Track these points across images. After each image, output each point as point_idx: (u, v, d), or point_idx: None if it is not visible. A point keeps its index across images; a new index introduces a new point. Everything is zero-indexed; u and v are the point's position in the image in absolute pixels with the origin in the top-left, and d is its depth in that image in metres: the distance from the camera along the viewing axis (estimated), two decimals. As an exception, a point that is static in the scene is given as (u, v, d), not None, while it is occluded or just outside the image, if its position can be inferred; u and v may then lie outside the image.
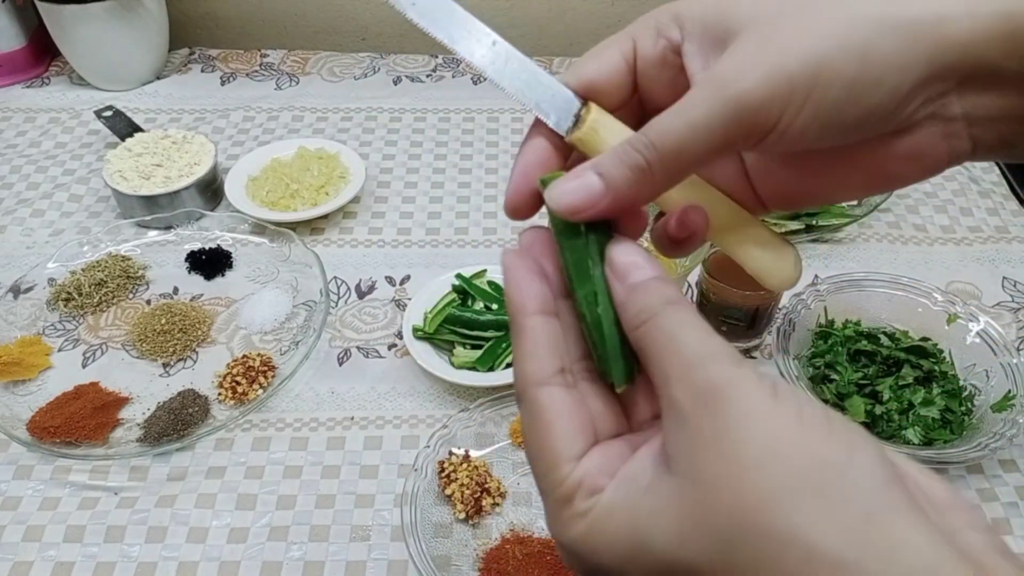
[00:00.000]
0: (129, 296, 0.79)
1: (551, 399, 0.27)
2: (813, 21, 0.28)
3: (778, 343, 0.68)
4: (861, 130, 0.29)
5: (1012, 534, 0.61)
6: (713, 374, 0.24)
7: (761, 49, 0.28)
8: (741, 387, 0.24)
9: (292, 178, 0.87)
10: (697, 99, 0.28)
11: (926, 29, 0.27)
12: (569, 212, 0.29)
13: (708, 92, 0.28)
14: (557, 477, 0.26)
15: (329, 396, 0.70)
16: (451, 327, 0.71)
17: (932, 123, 0.29)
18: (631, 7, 1.16)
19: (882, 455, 0.23)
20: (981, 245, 0.86)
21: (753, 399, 0.23)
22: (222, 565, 0.58)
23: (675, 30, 0.31)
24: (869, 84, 0.27)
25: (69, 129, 1.02)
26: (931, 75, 0.27)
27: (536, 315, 0.28)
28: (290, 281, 0.79)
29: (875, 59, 0.27)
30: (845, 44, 0.27)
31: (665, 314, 0.26)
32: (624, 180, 0.28)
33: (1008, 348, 0.67)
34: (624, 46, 0.31)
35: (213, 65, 1.14)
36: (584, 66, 0.32)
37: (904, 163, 0.30)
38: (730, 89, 0.27)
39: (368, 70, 1.13)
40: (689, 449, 0.24)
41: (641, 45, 0.31)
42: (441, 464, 0.61)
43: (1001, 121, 0.29)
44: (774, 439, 0.23)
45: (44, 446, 0.63)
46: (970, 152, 0.30)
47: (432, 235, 0.87)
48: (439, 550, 0.58)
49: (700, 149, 0.28)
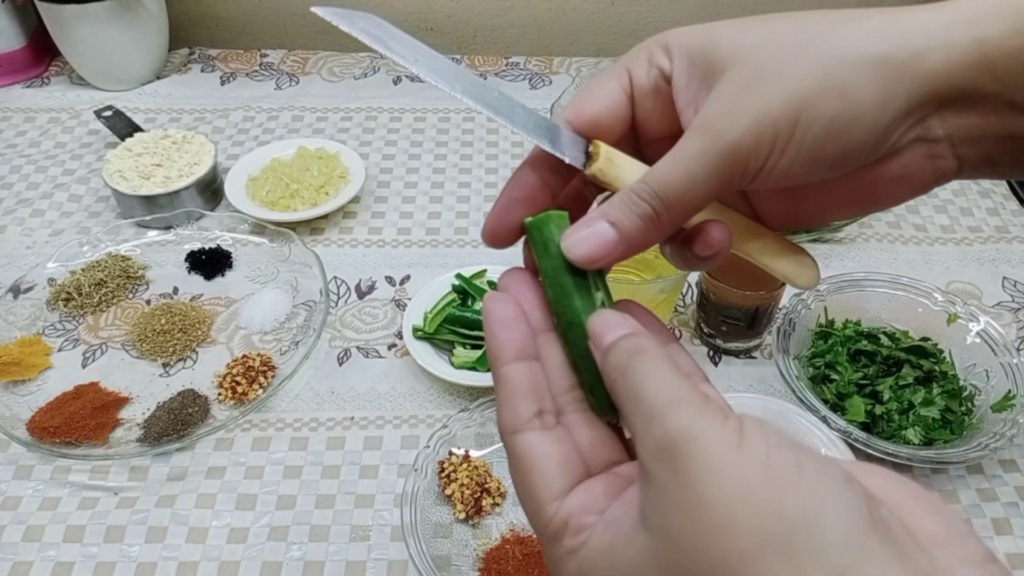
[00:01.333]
0: (129, 296, 0.79)
1: (527, 445, 0.28)
2: (793, 63, 0.28)
3: (778, 343, 0.68)
4: (844, 164, 0.30)
5: (1012, 534, 0.61)
6: (672, 427, 0.23)
7: (746, 94, 0.29)
8: (701, 439, 0.23)
9: (292, 178, 0.87)
10: (693, 150, 0.29)
11: (902, 65, 0.28)
12: (586, 261, 0.29)
13: (702, 144, 0.29)
14: (544, 518, 0.27)
15: (329, 396, 0.70)
16: (451, 327, 0.71)
17: (917, 146, 0.30)
18: (631, 7, 1.16)
19: (858, 500, 0.22)
20: (981, 245, 0.86)
21: (714, 452, 0.22)
22: (222, 565, 0.58)
23: (665, 59, 0.32)
24: (848, 121, 0.28)
25: (69, 129, 1.02)
26: (910, 107, 0.28)
27: (510, 363, 0.29)
28: (290, 281, 0.79)
29: (854, 97, 0.28)
30: (824, 85, 0.28)
31: (631, 367, 0.26)
32: (636, 228, 0.29)
33: (1008, 348, 0.67)
34: (622, 79, 0.32)
35: (213, 65, 1.14)
36: (585, 103, 0.32)
37: (892, 185, 0.31)
38: (722, 140, 0.28)
39: (368, 70, 1.13)
40: (656, 506, 0.23)
41: (636, 75, 0.32)
42: (441, 464, 0.61)
43: (983, 140, 0.29)
44: (739, 495, 0.22)
45: (44, 446, 0.63)
46: (956, 171, 0.30)
47: (432, 235, 0.87)
48: (439, 550, 0.58)
49: (699, 195, 0.29)
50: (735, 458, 0.22)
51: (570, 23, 1.19)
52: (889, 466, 0.62)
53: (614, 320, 0.28)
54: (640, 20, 1.17)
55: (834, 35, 0.29)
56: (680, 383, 0.25)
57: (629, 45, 0.33)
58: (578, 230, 0.30)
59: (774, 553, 0.21)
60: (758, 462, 0.22)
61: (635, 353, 0.26)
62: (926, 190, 0.31)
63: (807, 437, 0.61)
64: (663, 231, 0.30)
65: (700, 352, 0.74)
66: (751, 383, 0.71)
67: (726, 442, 0.23)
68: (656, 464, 0.24)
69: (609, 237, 0.29)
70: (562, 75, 1.12)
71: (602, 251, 0.29)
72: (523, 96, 1.09)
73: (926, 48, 0.28)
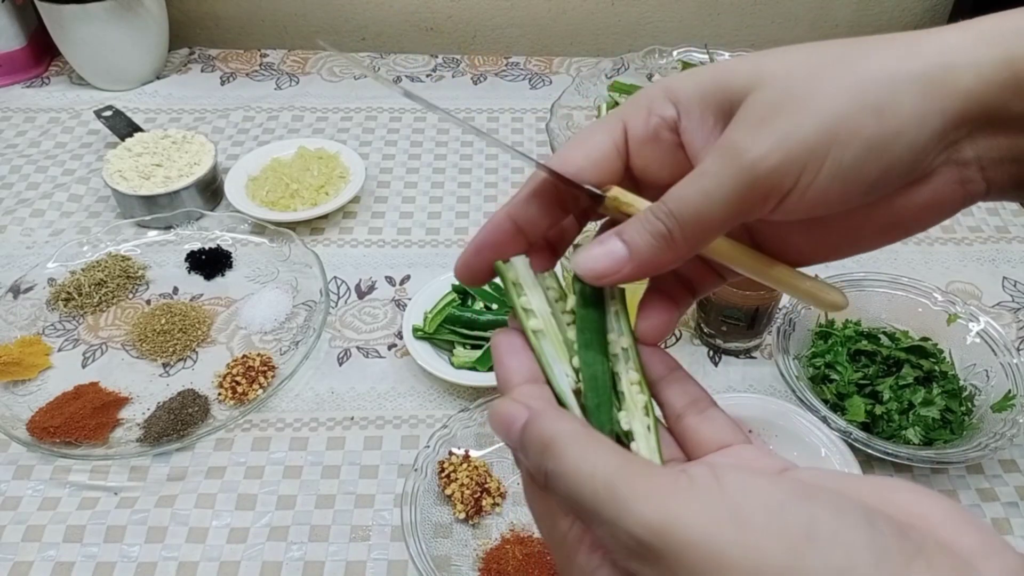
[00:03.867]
0: (129, 296, 0.79)
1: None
2: (824, 84, 0.28)
3: (778, 343, 0.68)
4: (884, 186, 0.29)
5: (1012, 534, 0.61)
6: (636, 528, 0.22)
7: (772, 114, 0.28)
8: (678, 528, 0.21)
9: (292, 178, 0.87)
10: (711, 169, 0.28)
11: (937, 82, 0.27)
12: (594, 278, 0.29)
13: (721, 162, 0.28)
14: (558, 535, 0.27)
15: (329, 396, 0.70)
16: (451, 327, 0.71)
17: (947, 169, 0.29)
18: (631, 7, 1.16)
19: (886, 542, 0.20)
20: (981, 245, 0.86)
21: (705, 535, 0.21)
22: (222, 565, 0.58)
23: (669, 107, 0.31)
24: (889, 139, 0.27)
25: (69, 129, 1.02)
26: (946, 125, 0.28)
27: (520, 386, 0.29)
28: (290, 281, 0.79)
29: (892, 114, 0.27)
30: (860, 103, 0.27)
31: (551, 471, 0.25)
32: (648, 247, 0.29)
33: (1008, 348, 0.67)
34: (614, 131, 0.31)
35: (213, 65, 1.14)
36: (571, 152, 0.31)
37: (922, 211, 0.30)
38: (743, 158, 0.27)
39: (368, 70, 1.13)
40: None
41: (632, 126, 0.31)
42: (441, 464, 0.61)
43: (1012, 162, 0.29)
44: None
45: (44, 446, 0.63)
46: (984, 193, 0.30)
47: (432, 235, 0.87)
48: (439, 550, 0.58)
49: (717, 217, 0.28)
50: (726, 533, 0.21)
51: (570, 23, 1.19)
52: (889, 466, 0.63)
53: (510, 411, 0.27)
54: (640, 20, 1.17)
55: (865, 56, 0.28)
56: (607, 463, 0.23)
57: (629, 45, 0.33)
58: (591, 248, 0.30)
59: None
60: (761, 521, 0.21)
61: (544, 450, 0.25)
62: (952, 214, 0.30)
63: (807, 437, 0.61)
64: (677, 253, 0.29)
65: (700, 352, 0.74)
66: (751, 383, 0.71)
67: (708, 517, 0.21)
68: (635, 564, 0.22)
69: (620, 255, 0.29)
70: (562, 75, 1.12)
71: (612, 268, 0.29)
72: (523, 96, 1.09)
73: (957, 65, 0.27)
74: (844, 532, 0.20)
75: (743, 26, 1.19)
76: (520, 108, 1.06)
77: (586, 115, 0.96)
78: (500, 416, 0.27)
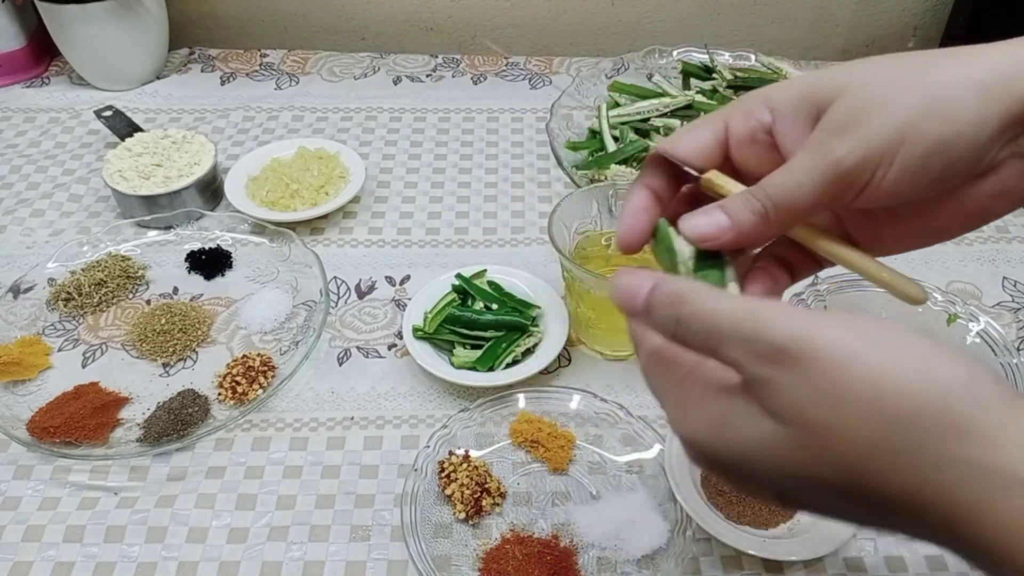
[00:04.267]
0: (129, 296, 0.79)
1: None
2: (898, 93, 0.33)
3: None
4: (949, 178, 0.33)
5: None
6: (775, 337, 0.27)
7: (852, 119, 0.33)
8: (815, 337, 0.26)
9: (292, 178, 0.87)
10: (803, 164, 0.34)
11: (996, 88, 0.32)
12: (699, 239, 0.35)
13: (811, 159, 0.34)
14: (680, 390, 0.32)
15: (329, 396, 0.70)
16: (451, 327, 0.71)
17: (1013, 161, 0.33)
18: (631, 7, 1.16)
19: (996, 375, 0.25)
20: (981, 245, 0.86)
21: (837, 343, 0.26)
22: (222, 565, 0.58)
23: (765, 113, 0.36)
24: (951, 138, 0.32)
25: (69, 129, 1.02)
26: (1004, 125, 0.32)
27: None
28: (290, 281, 0.79)
29: (954, 118, 0.32)
30: (928, 110, 0.32)
31: (682, 315, 0.30)
32: (747, 220, 0.35)
33: (1008, 348, 0.67)
34: (716, 126, 0.37)
35: (213, 65, 1.14)
36: (679, 140, 0.38)
37: (992, 200, 0.35)
38: (830, 156, 0.33)
39: (368, 70, 1.13)
40: (784, 402, 0.27)
41: (732, 125, 0.37)
42: (441, 464, 0.61)
43: None
44: (881, 370, 0.25)
45: (44, 446, 0.63)
46: None
47: (432, 235, 0.87)
48: (439, 550, 0.58)
49: (806, 202, 0.34)
50: (859, 345, 0.26)
51: (570, 23, 1.19)
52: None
53: (636, 280, 0.32)
54: (640, 20, 1.17)
55: (934, 68, 0.33)
56: (744, 300, 0.29)
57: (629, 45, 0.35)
58: (698, 215, 0.36)
59: (930, 417, 0.24)
60: (892, 341, 0.26)
61: (677, 301, 0.30)
62: (1023, 203, 0.35)
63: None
64: (769, 229, 0.35)
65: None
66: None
67: (842, 333, 0.26)
68: (769, 370, 0.27)
69: (723, 223, 0.35)
70: (562, 75, 1.12)
71: (715, 232, 0.35)
72: (523, 96, 1.09)
73: (1018, 74, 0.32)
74: (963, 352, 0.26)
75: (743, 26, 1.19)
76: (520, 108, 1.06)
77: (586, 115, 0.96)
78: (626, 284, 0.32)
